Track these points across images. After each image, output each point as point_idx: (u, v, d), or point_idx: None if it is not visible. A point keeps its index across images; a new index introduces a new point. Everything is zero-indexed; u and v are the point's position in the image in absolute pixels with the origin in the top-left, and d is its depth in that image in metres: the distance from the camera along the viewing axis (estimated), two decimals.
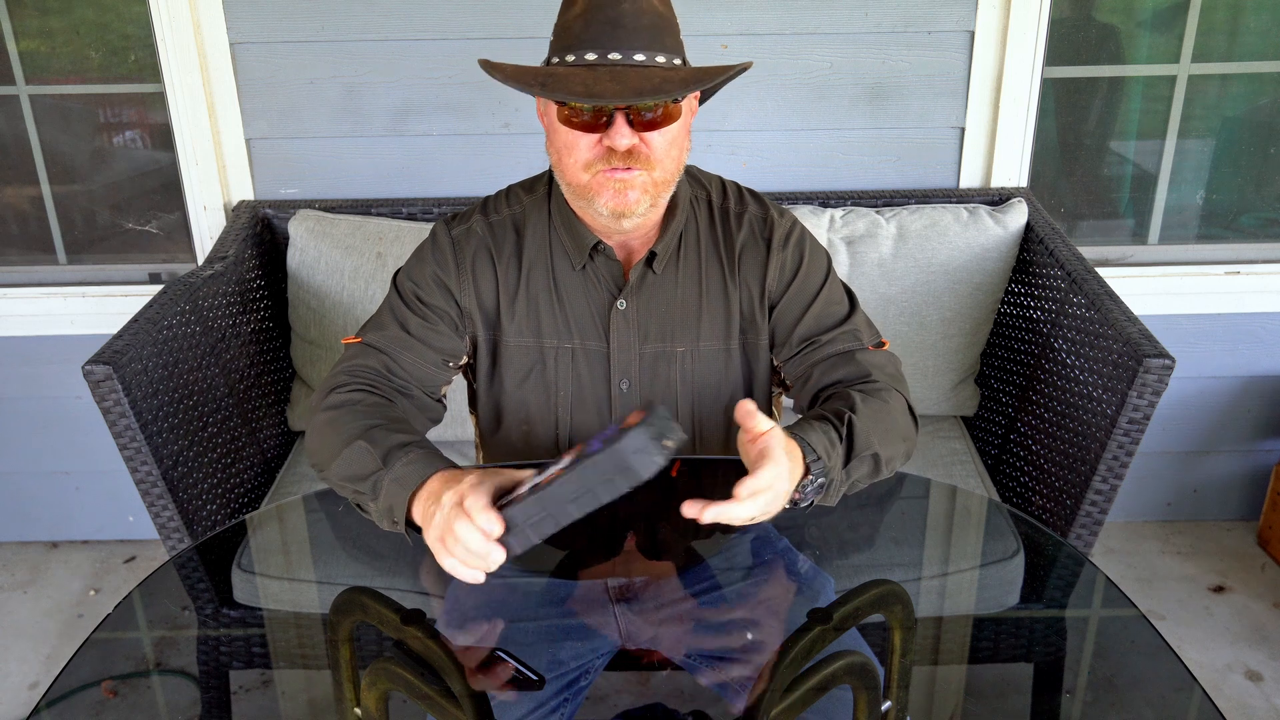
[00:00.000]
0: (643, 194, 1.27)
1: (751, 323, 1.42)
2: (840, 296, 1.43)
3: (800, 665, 0.99)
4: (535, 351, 1.41)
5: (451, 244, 1.40)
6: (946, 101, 2.26)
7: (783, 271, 1.40)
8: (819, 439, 1.20)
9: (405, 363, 1.37)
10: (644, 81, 1.18)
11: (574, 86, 1.17)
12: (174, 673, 1.36)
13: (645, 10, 1.20)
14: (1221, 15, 2.29)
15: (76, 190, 2.43)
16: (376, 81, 2.23)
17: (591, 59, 1.19)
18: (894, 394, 1.34)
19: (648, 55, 1.20)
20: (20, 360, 2.45)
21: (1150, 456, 2.56)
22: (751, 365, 1.44)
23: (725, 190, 1.45)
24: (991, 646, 1.48)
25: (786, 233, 1.41)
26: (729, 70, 1.22)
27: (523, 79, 1.21)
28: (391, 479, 1.19)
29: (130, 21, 2.25)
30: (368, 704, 1.04)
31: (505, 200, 1.44)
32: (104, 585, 2.51)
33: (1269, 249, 2.43)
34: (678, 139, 1.29)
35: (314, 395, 1.37)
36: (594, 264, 1.38)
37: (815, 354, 1.39)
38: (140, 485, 1.74)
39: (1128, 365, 1.69)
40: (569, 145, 1.27)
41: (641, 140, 1.24)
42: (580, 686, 1.26)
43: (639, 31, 1.19)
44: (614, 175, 1.25)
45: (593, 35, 1.19)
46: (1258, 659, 2.21)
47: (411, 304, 1.39)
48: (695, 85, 1.20)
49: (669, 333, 1.40)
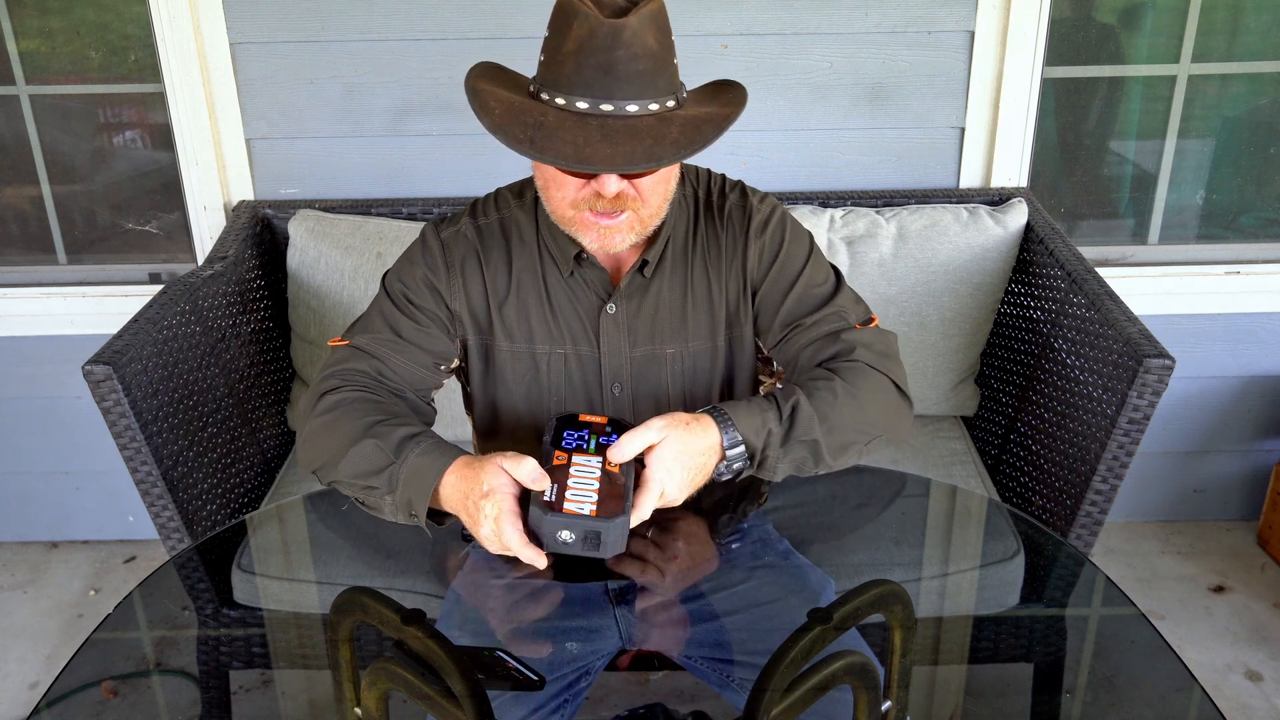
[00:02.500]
0: (628, 233, 1.27)
1: (737, 315, 1.41)
2: (824, 276, 1.41)
3: (800, 665, 0.99)
4: (528, 358, 1.40)
5: (441, 246, 1.39)
6: (946, 101, 2.26)
7: (762, 257, 1.39)
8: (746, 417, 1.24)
9: (396, 366, 1.36)
10: (635, 143, 1.16)
11: (564, 149, 1.15)
12: (174, 673, 1.36)
13: (640, 54, 1.16)
14: (1221, 15, 2.29)
15: (76, 190, 2.43)
16: (376, 82, 2.23)
17: (583, 108, 1.17)
18: (873, 374, 1.32)
19: (640, 105, 1.17)
20: (20, 360, 2.45)
21: (1150, 456, 2.56)
22: (735, 357, 1.44)
23: (710, 184, 1.44)
24: (991, 646, 1.48)
25: (765, 218, 1.40)
26: (722, 123, 1.21)
27: (510, 131, 1.17)
28: (407, 472, 1.21)
29: (130, 21, 2.25)
30: (368, 704, 1.04)
31: (494, 204, 1.43)
32: (104, 585, 2.51)
33: (1269, 249, 2.43)
34: (666, 175, 1.28)
35: (304, 399, 1.36)
36: (582, 270, 1.37)
37: (801, 337, 1.37)
38: (140, 485, 1.74)
39: (1128, 365, 1.69)
40: (555, 182, 1.26)
41: (630, 184, 1.24)
42: (580, 687, 1.26)
43: (632, 79, 1.16)
44: (599, 222, 1.25)
45: (585, 80, 1.16)
46: (1258, 659, 2.21)
47: (402, 306, 1.38)
48: (687, 150, 1.18)
49: (658, 335, 1.39)
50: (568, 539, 1.10)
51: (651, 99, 1.18)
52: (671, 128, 1.18)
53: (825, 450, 1.26)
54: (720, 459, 1.22)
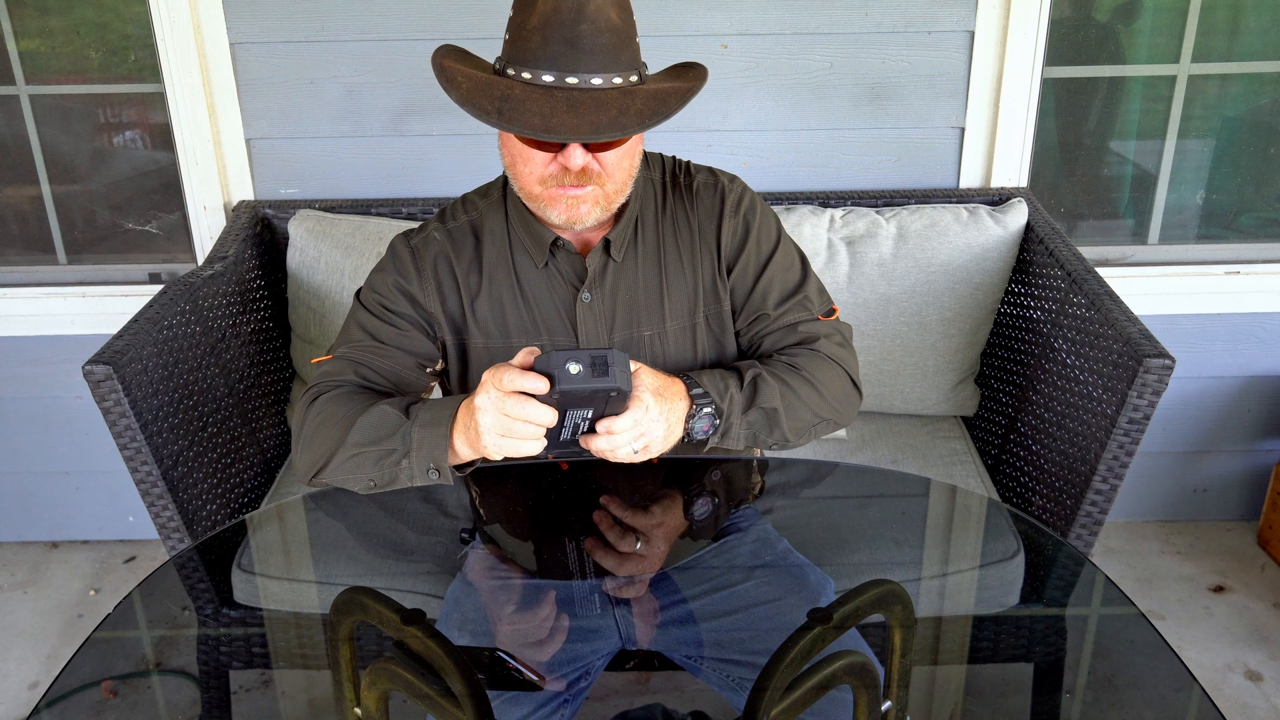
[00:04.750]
0: (594, 206, 1.29)
1: (713, 293, 1.43)
2: (792, 262, 1.45)
3: (800, 665, 0.99)
4: (505, 353, 1.40)
5: (411, 253, 1.40)
6: (946, 101, 2.26)
7: (734, 237, 1.42)
8: (709, 380, 1.30)
9: (382, 368, 1.38)
10: (600, 114, 1.18)
11: (530, 119, 1.18)
12: (174, 673, 1.36)
13: (603, 29, 1.19)
14: (1221, 15, 2.29)
15: (76, 190, 2.43)
16: (376, 82, 2.23)
17: (548, 80, 1.20)
18: (830, 363, 1.38)
19: (604, 78, 1.21)
20: (20, 360, 2.45)
21: (1150, 456, 2.56)
22: (720, 337, 1.45)
23: (674, 167, 1.46)
24: (991, 646, 1.48)
25: (738, 198, 1.43)
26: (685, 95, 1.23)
27: (478, 103, 1.20)
28: (420, 425, 1.22)
29: (130, 21, 2.25)
30: (368, 704, 1.04)
31: (462, 208, 1.45)
32: (104, 585, 2.52)
33: (1269, 249, 2.43)
34: (630, 149, 1.30)
35: (296, 410, 1.36)
36: (555, 260, 1.39)
37: (766, 325, 1.42)
38: (140, 485, 1.74)
39: (1128, 365, 1.69)
40: (523, 157, 1.28)
41: (595, 158, 1.26)
42: (581, 688, 1.26)
43: (596, 52, 1.19)
44: (566, 193, 1.27)
45: (550, 54, 1.19)
46: (1258, 659, 2.21)
47: (379, 314, 1.39)
48: (651, 120, 1.21)
49: (634, 318, 1.41)
50: (576, 369, 1.10)
51: (615, 73, 1.21)
52: (635, 100, 1.21)
53: (783, 421, 1.32)
54: (689, 405, 1.27)
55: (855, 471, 1.77)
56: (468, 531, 1.54)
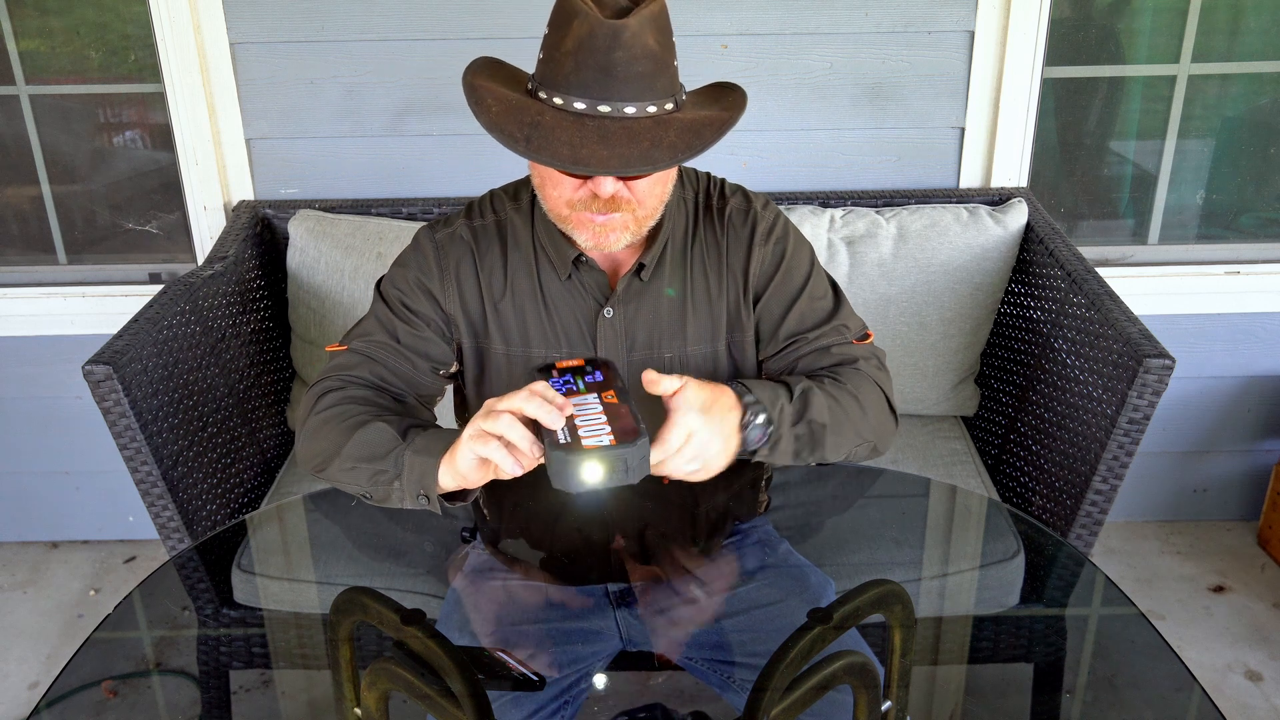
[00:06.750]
0: (623, 232, 1.25)
1: (737, 320, 1.39)
2: (824, 290, 1.40)
3: (800, 665, 0.99)
4: (524, 361, 1.38)
5: (435, 249, 1.37)
6: (946, 101, 2.26)
7: (764, 265, 1.37)
8: (760, 387, 1.21)
9: (396, 370, 1.35)
10: (631, 146, 1.14)
11: (559, 149, 1.14)
12: (174, 673, 1.36)
13: (639, 55, 1.15)
14: (1221, 15, 2.29)
15: (76, 190, 2.43)
16: (376, 82, 2.23)
17: (580, 108, 1.16)
18: (871, 386, 1.32)
19: (638, 107, 1.16)
20: (20, 360, 2.45)
21: (1150, 456, 2.56)
22: (739, 365, 1.42)
23: (710, 187, 1.42)
24: (991, 646, 1.48)
25: (770, 226, 1.38)
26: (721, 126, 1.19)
27: (506, 129, 1.16)
28: (414, 451, 1.18)
29: (130, 21, 2.25)
30: (368, 704, 1.04)
31: (490, 205, 1.41)
32: (104, 585, 2.51)
33: (1269, 249, 2.43)
34: (663, 176, 1.26)
35: (303, 400, 1.34)
36: (579, 273, 1.35)
37: (801, 349, 1.36)
38: (140, 485, 1.74)
39: (1128, 365, 1.69)
40: (551, 180, 1.24)
41: (626, 185, 1.22)
42: (581, 688, 1.26)
43: (630, 80, 1.15)
44: (595, 219, 1.23)
45: (583, 81, 1.15)
46: (1258, 659, 2.21)
47: (398, 311, 1.36)
48: (684, 154, 1.16)
49: (656, 339, 1.37)
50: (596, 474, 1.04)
51: (650, 101, 1.17)
52: (669, 131, 1.17)
53: (828, 439, 1.25)
54: (741, 414, 1.18)
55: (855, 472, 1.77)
56: (469, 531, 1.54)
